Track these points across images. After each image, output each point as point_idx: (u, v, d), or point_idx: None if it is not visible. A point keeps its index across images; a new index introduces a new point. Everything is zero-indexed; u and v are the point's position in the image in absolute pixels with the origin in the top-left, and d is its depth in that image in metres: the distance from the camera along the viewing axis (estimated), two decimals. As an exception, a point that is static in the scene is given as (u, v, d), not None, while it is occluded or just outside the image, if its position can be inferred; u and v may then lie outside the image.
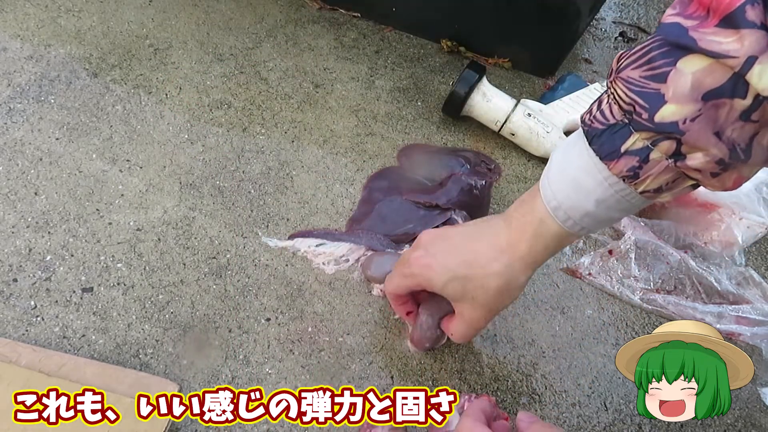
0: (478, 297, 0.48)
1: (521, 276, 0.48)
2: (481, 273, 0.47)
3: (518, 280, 0.48)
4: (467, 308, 0.50)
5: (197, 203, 0.78)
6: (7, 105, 0.85)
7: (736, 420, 0.68)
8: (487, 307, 0.49)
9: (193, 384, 0.62)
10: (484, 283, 0.47)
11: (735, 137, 0.33)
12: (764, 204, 0.77)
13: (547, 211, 0.44)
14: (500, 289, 0.48)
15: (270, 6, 1.11)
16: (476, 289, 0.48)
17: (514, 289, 0.48)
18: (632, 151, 0.37)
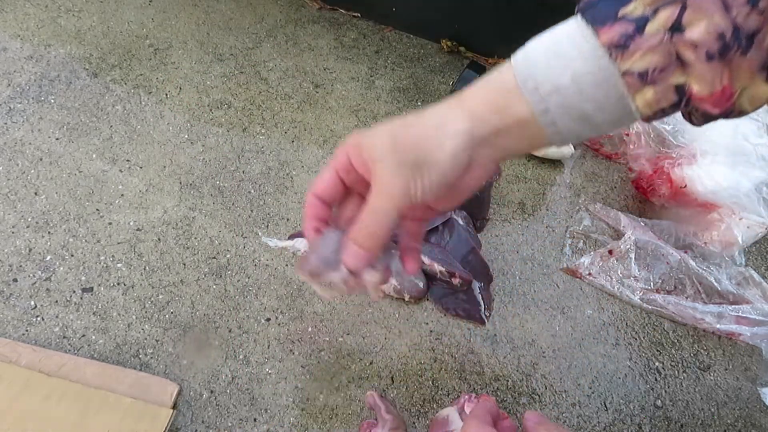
0: (398, 143, 0.37)
1: (454, 124, 0.37)
2: (412, 120, 0.38)
3: (447, 127, 0.37)
4: (381, 163, 0.37)
5: (197, 203, 0.78)
6: (7, 105, 0.85)
7: (736, 420, 0.68)
8: (400, 159, 0.37)
9: (193, 384, 0.62)
10: (408, 125, 0.37)
11: (740, 21, 0.31)
12: (764, 204, 0.77)
13: (512, 77, 0.36)
14: (426, 131, 0.37)
15: (270, 6, 1.12)
16: (399, 133, 0.37)
17: (441, 136, 0.36)
18: (629, 18, 0.33)
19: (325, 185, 0.41)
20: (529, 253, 0.80)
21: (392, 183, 0.36)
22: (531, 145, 0.37)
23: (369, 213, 0.38)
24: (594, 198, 0.88)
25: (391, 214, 0.37)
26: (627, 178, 0.91)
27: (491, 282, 0.75)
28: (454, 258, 0.74)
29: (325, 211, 0.42)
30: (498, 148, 0.37)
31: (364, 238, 0.38)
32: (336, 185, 0.41)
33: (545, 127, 0.35)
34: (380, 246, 0.38)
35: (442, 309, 0.72)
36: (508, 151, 0.38)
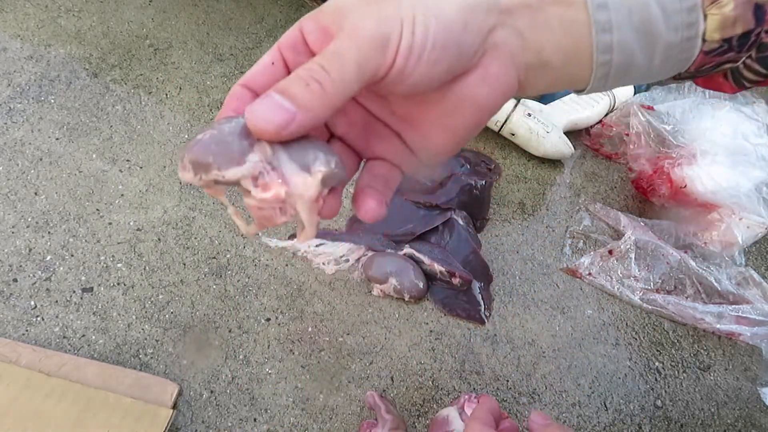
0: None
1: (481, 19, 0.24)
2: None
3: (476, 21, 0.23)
4: (351, 15, 0.23)
5: (197, 203, 0.78)
6: (7, 105, 0.85)
7: (736, 420, 0.68)
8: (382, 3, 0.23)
9: (193, 384, 0.62)
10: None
11: None
12: (764, 204, 0.77)
13: None
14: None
15: (270, 6, 1.11)
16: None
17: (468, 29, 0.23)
18: None
19: (260, 69, 0.27)
20: (529, 253, 0.80)
21: (367, 24, 0.23)
22: (570, 54, 0.25)
23: (324, 55, 0.23)
24: (594, 198, 0.88)
25: (357, 66, 0.22)
26: (627, 178, 0.91)
27: (491, 282, 0.75)
28: (454, 258, 0.74)
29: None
30: (528, 39, 0.25)
31: (306, 89, 0.22)
32: (275, 70, 0.27)
33: (597, 34, 0.24)
34: (327, 113, 0.23)
35: (442, 309, 0.72)
36: (539, 56, 0.25)
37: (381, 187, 0.28)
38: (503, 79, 0.25)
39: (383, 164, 0.29)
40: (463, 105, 0.25)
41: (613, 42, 0.24)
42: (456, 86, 0.24)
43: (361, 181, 0.28)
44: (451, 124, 0.26)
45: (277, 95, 0.22)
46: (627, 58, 0.25)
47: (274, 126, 0.22)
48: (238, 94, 0.26)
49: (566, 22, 0.24)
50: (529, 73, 0.25)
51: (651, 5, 0.24)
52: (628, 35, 0.24)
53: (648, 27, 0.24)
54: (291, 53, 0.26)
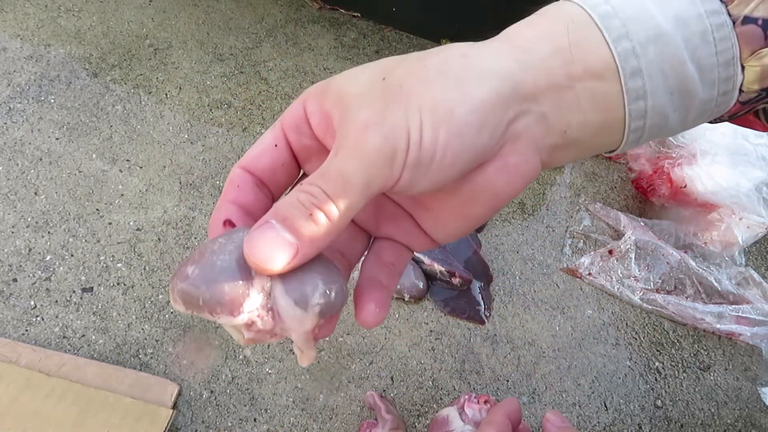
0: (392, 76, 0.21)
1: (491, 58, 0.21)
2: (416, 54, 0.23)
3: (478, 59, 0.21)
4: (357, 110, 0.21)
5: (197, 203, 0.78)
6: (7, 105, 0.85)
7: (736, 420, 0.68)
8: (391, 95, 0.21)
9: (193, 384, 0.62)
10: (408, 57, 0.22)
11: None
12: (764, 204, 0.77)
13: (581, 10, 0.22)
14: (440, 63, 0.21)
15: (270, 6, 1.11)
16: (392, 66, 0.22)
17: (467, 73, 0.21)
18: None
19: (262, 150, 0.25)
20: (529, 253, 0.80)
21: (371, 139, 0.20)
22: (599, 128, 0.23)
23: (326, 177, 0.20)
24: (594, 198, 0.88)
25: (355, 181, 0.20)
26: (627, 178, 0.91)
27: (491, 282, 0.75)
28: (454, 258, 0.74)
29: (254, 193, 0.25)
30: (553, 122, 0.22)
31: (309, 221, 0.20)
32: (278, 153, 0.25)
33: (630, 103, 0.22)
34: (332, 240, 0.21)
35: (442, 309, 0.72)
36: (565, 136, 0.23)
37: (386, 280, 0.26)
38: (524, 168, 0.23)
39: (392, 246, 0.27)
40: (480, 195, 0.23)
41: (647, 108, 0.23)
42: (471, 177, 0.22)
43: (366, 270, 0.26)
44: (465, 212, 0.24)
45: (278, 226, 0.20)
46: (661, 120, 0.23)
47: (277, 265, 0.20)
48: (239, 180, 0.25)
49: (597, 98, 0.22)
50: (553, 153, 0.23)
51: (686, 63, 0.22)
52: (662, 99, 0.22)
53: (683, 87, 0.22)
54: (294, 134, 0.24)
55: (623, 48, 0.21)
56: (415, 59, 0.22)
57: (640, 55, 0.22)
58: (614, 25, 0.22)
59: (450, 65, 0.21)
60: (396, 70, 0.21)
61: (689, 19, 0.22)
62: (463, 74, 0.21)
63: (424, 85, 0.20)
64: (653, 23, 0.22)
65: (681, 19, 0.22)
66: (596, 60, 0.22)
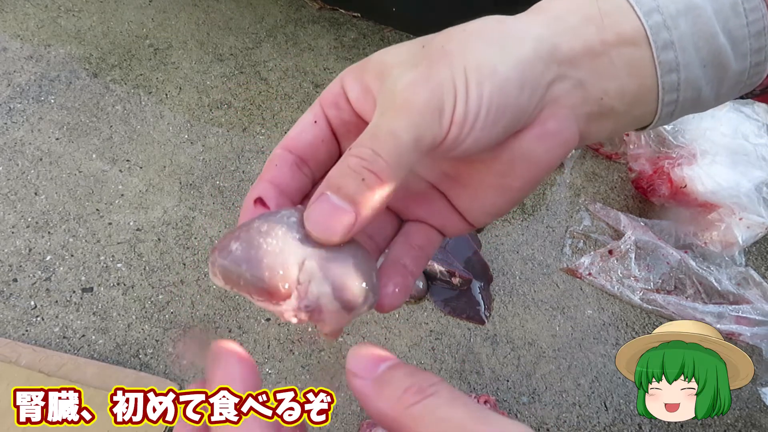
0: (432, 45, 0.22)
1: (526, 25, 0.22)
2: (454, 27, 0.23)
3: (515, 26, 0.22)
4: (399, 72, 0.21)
5: (197, 203, 0.78)
6: (7, 105, 0.85)
7: (736, 420, 0.68)
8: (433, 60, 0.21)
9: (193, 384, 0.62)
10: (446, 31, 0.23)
11: None
12: (764, 204, 0.77)
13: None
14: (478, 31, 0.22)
15: (270, 6, 1.11)
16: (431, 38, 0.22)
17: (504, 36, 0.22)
18: None
19: (301, 128, 0.24)
20: (529, 253, 0.80)
21: (419, 93, 0.20)
22: (635, 97, 0.23)
23: (375, 136, 0.20)
24: (594, 198, 0.88)
25: (405, 139, 0.20)
26: (627, 178, 0.91)
27: (491, 282, 0.75)
28: (454, 258, 0.74)
29: (292, 171, 0.24)
30: (590, 89, 0.22)
31: (362, 185, 0.20)
32: (318, 129, 0.24)
33: (662, 75, 0.22)
34: (387, 202, 0.20)
35: (442, 309, 0.72)
36: (602, 104, 0.23)
37: (411, 265, 0.25)
38: (562, 135, 0.22)
39: (422, 228, 0.26)
40: (519, 164, 0.23)
41: (680, 81, 0.23)
42: (510, 144, 0.22)
43: (392, 252, 0.25)
44: (504, 184, 0.23)
45: (333, 196, 0.20)
46: (694, 93, 0.23)
47: (338, 235, 0.20)
48: (279, 159, 0.24)
49: (632, 63, 0.22)
50: (590, 123, 0.23)
51: (718, 36, 0.22)
52: (695, 71, 0.23)
53: (716, 59, 0.23)
54: (333, 110, 0.24)
55: (654, 21, 0.22)
56: (452, 29, 0.22)
57: (671, 28, 0.22)
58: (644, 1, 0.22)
59: (489, 29, 0.22)
60: (435, 38, 0.22)
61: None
62: (501, 37, 0.21)
63: (466, 46, 0.21)
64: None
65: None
66: (628, 27, 0.22)
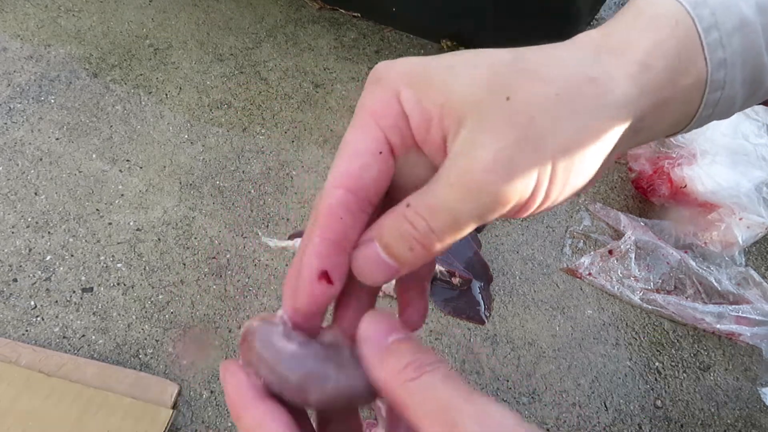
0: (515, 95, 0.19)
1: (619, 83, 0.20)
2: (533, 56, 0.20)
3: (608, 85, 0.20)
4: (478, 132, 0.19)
5: (197, 203, 0.78)
6: (7, 105, 0.85)
7: (736, 420, 0.68)
8: (532, 125, 0.19)
9: (193, 384, 0.62)
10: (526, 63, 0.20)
11: None
12: (764, 204, 0.77)
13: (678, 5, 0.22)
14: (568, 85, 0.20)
15: (270, 6, 1.11)
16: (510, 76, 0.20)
17: (599, 103, 0.20)
18: None
19: (364, 162, 0.20)
20: (529, 253, 0.80)
21: (494, 178, 0.18)
22: (666, 132, 0.23)
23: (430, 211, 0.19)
24: (594, 198, 0.88)
25: (464, 223, 0.19)
26: (627, 178, 0.91)
27: (491, 282, 0.75)
28: (454, 258, 0.74)
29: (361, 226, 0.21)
30: (640, 133, 0.22)
31: (411, 253, 0.20)
32: (384, 162, 0.21)
33: (708, 93, 0.22)
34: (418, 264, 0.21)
35: (442, 309, 0.72)
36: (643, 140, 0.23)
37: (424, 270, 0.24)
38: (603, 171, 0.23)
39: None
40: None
41: (720, 98, 0.23)
42: None
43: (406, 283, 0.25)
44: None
45: (380, 250, 0.20)
46: (728, 108, 0.23)
47: (380, 282, 0.21)
48: (342, 209, 0.20)
49: (681, 108, 0.22)
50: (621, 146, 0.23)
51: (763, 53, 0.22)
52: (736, 89, 0.23)
53: (756, 76, 0.23)
54: (397, 138, 0.21)
55: (712, 38, 0.21)
56: (537, 78, 0.20)
57: (726, 45, 0.22)
58: (705, 15, 0.21)
59: (581, 96, 0.20)
60: (521, 89, 0.19)
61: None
62: (593, 108, 0.20)
63: (557, 123, 0.19)
64: (738, 12, 0.22)
65: (761, 6, 0.22)
66: (695, 72, 0.21)
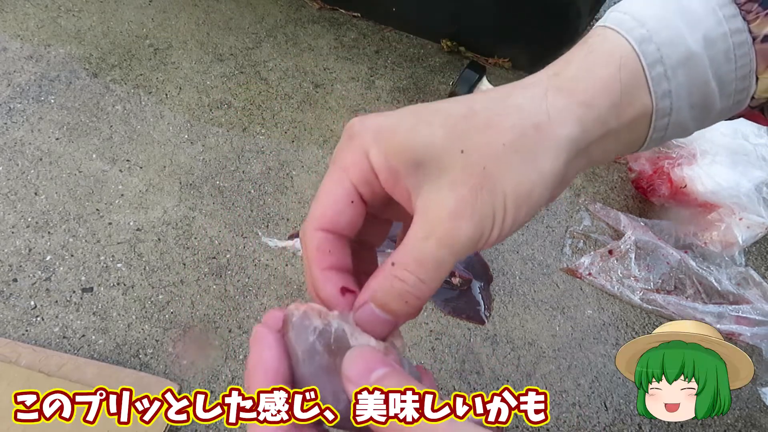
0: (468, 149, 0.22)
1: (562, 126, 0.23)
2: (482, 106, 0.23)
3: (550, 130, 0.23)
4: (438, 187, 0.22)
5: (197, 203, 0.78)
6: (7, 105, 0.85)
7: (736, 420, 0.68)
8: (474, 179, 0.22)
9: (193, 384, 0.62)
10: (476, 116, 0.23)
11: None
12: (764, 204, 0.77)
13: (631, 48, 0.24)
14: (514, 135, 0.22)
15: (270, 6, 1.11)
16: (463, 130, 0.23)
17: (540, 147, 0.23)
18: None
19: (338, 209, 0.24)
20: (529, 253, 0.80)
21: (460, 223, 0.22)
22: (621, 152, 0.26)
23: (417, 264, 0.22)
24: (594, 198, 0.88)
25: (446, 266, 0.22)
26: (627, 178, 0.91)
27: (491, 282, 0.75)
28: (454, 258, 0.74)
29: (347, 254, 0.25)
30: (591, 159, 0.25)
31: (405, 306, 0.23)
32: (355, 209, 0.25)
33: (656, 120, 0.24)
34: (414, 313, 0.24)
35: (442, 309, 0.72)
36: (598, 162, 0.26)
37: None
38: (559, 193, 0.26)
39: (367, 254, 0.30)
40: None
41: (669, 123, 0.25)
42: None
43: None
44: None
45: (377, 310, 0.23)
46: (679, 131, 0.26)
47: (382, 335, 0.24)
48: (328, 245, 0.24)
49: (630, 135, 0.25)
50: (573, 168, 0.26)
51: (710, 82, 0.24)
52: (684, 115, 0.25)
53: (704, 102, 0.25)
54: (366, 188, 0.24)
55: (656, 72, 0.24)
56: (487, 128, 0.23)
57: (671, 78, 0.24)
58: (650, 50, 0.24)
59: (526, 142, 0.23)
60: (472, 142, 0.22)
61: (716, 38, 0.24)
62: (537, 150, 0.23)
63: (506, 168, 0.22)
64: (684, 46, 0.24)
65: (709, 39, 0.24)
66: (640, 106, 0.24)
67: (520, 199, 0.23)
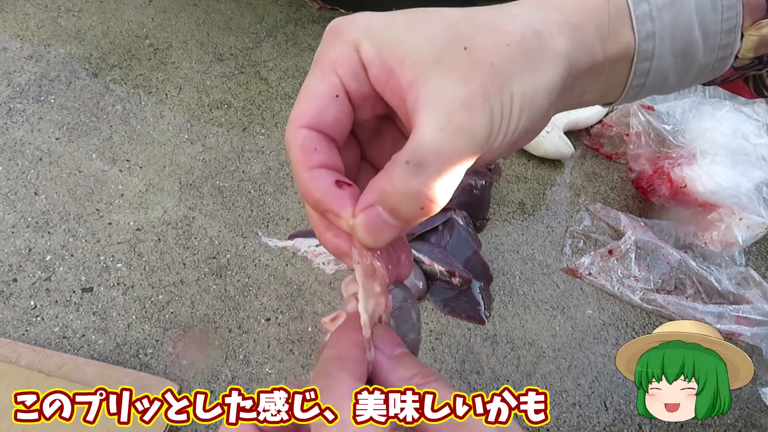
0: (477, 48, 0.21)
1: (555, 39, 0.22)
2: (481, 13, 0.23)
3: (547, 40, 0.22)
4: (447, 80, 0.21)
5: (197, 203, 0.78)
6: (7, 105, 0.85)
7: (736, 420, 0.68)
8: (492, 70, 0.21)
9: (193, 384, 0.62)
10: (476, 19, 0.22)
11: None
12: (764, 204, 0.77)
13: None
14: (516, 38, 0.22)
15: (270, 6, 1.11)
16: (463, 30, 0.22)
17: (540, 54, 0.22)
18: None
19: (322, 104, 0.22)
20: (529, 253, 0.80)
21: (474, 114, 0.20)
22: (599, 100, 0.26)
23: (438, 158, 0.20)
24: (594, 198, 0.88)
25: (466, 161, 0.21)
26: (627, 178, 0.91)
27: (491, 282, 0.75)
28: (454, 258, 0.74)
29: (335, 153, 0.23)
30: (571, 97, 0.25)
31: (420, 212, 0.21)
32: (341, 104, 0.22)
33: (638, 63, 0.24)
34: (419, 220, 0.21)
35: (442, 309, 0.72)
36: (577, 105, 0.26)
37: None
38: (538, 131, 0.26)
39: None
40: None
41: (651, 68, 0.25)
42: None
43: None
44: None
45: (385, 214, 0.21)
46: (660, 81, 0.25)
47: (385, 243, 0.22)
48: (313, 142, 0.22)
49: (611, 75, 0.25)
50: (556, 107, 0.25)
51: (694, 29, 0.24)
52: (666, 61, 0.25)
53: (687, 51, 0.24)
54: (354, 83, 0.22)
55: (641, 11, 0.24)
56: (489, 30, 0.22)
57: (655, 19, 0.24)
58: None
59: (529, 45, 0.22)
60: (476, 41, 0.21)
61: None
62: (538, 57, 0.22)
63: (512, 67, 0.21)
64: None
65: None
66: (624, 42, 0.24)
67: (525, 101, 0.22)
